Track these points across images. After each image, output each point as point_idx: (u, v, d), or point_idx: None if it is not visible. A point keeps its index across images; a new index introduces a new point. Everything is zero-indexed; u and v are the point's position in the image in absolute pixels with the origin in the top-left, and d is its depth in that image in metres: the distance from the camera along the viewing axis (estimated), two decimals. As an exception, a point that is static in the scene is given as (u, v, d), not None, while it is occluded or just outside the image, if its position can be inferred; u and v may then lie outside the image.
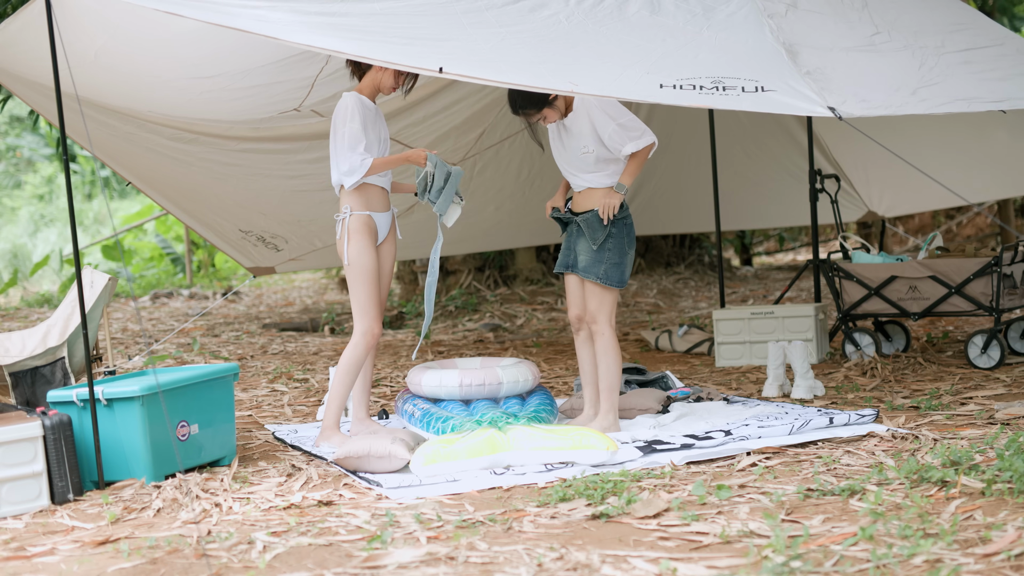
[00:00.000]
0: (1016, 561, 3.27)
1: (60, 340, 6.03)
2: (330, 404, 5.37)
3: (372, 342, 5.34)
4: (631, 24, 5.01)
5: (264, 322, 10.51)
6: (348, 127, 5.22)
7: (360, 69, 5.37)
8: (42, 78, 5.58)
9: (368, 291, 5.33)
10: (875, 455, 4.64)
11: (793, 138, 8.51)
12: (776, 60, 4.91)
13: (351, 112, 5.23)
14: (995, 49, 5.57)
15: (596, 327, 5.33)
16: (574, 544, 3.67)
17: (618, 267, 5.29)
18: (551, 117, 5.25)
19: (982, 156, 8.08)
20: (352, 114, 5.22)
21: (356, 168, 5.19)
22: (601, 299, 5.31)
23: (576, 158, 5.28)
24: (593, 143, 5.21)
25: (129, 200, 21.48)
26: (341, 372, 5.34)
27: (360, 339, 5.33)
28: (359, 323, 5.34)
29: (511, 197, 8.15)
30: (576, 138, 5.26)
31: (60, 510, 4.42)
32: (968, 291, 6.53)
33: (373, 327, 5.33)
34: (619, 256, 5.29)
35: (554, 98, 5.18)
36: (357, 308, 5.34)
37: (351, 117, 5.22)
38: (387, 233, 5.46)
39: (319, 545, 3.78)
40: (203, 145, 6.61)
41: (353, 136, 5.21)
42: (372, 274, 5.33)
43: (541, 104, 5.19)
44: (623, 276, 5.31)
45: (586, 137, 5.22)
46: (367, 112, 5.28)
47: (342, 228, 5.33)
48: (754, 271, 13.13)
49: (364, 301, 5.33)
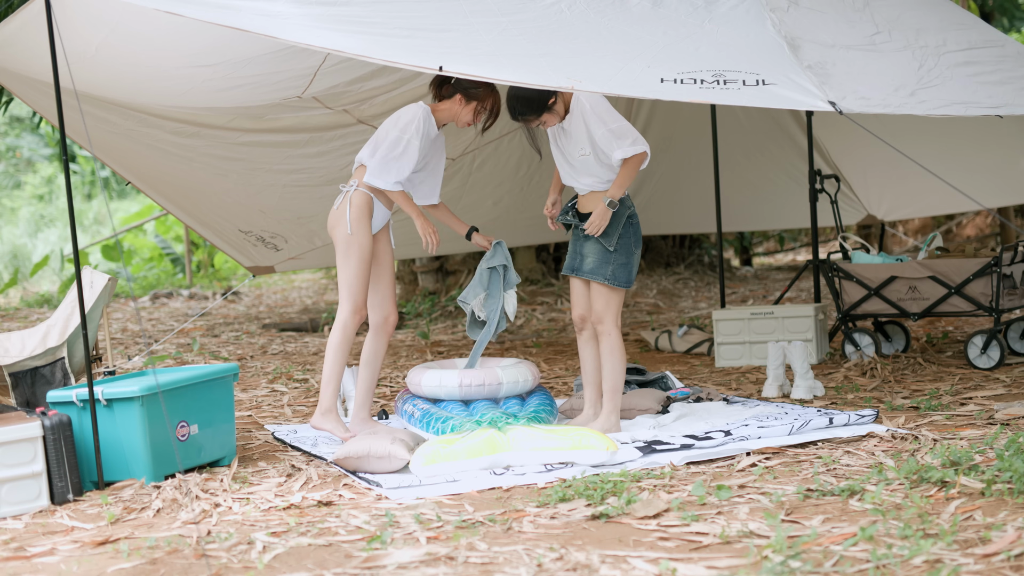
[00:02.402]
0: (1016, 561, 3.27)
1: (60, 340, 6.03)
2: (325, 387, 5.34)
3: (360, 322, 5.32)
4: (633, 15, 5.00)
5: (264, 322, 10.51)
6: (412, 143, 5.22)
7: (441, 92, 5.36)
8: (42, 76, 5.58)
9: (360, 270, 5.28)
10: (875, 455, 4.64)
11: (793, 140, 8.52)
12: (778, 53, 4.90)
13: (415, 128, 5.23)
14: (996, 50, 5.57)
15: (602, 327, 5.33)
16: (574, 544, 3.67)
17: (625, 267, 5.29)
18: (550, 122, 5.23)
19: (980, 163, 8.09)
20: (416, 131, 5.22)
21: (387, 183, 5.23)
22: (608, 300, 5.30)
23: (576, 161, 5.28)
24: (590, 145, 5.21)
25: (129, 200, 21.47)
26: (333, 352, 5.31)
27: (348, 317, 5.29)
28: (347, 302, 5.28)
29: (509, 193, 8.15)
30: (574, 141, 5.25)
31: (60, 510, 4.42)
32: (968, 291, 6.53)
33: (361, 307, 5.30)
34: (626, 256, 5.28)
35: (553, 102, 5.16)
36: (347, 285, 5.28)
37: (415, 133, 5.22)
38: (380, 229, 5.45)
39: (319, 545, 3.78)
40: (204, 139, 6.60)
41: (410, 155, 5.22)
42: (366, 252, 5.29)
43: (540, 109, 5.17)
44: (630, 276, 5.31)
45: (583, 140, 5.21)
46: (428, 134, 5.29)
47: (344, 199, 5.32)
48: (754, 271, 13.13)
49: (354, 279, 5.29)
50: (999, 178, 8.31)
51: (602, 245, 5.26)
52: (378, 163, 5.25)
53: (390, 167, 5.24)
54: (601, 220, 5.20)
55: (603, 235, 5.25)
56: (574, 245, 5.43)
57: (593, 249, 5.30)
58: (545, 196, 5.83)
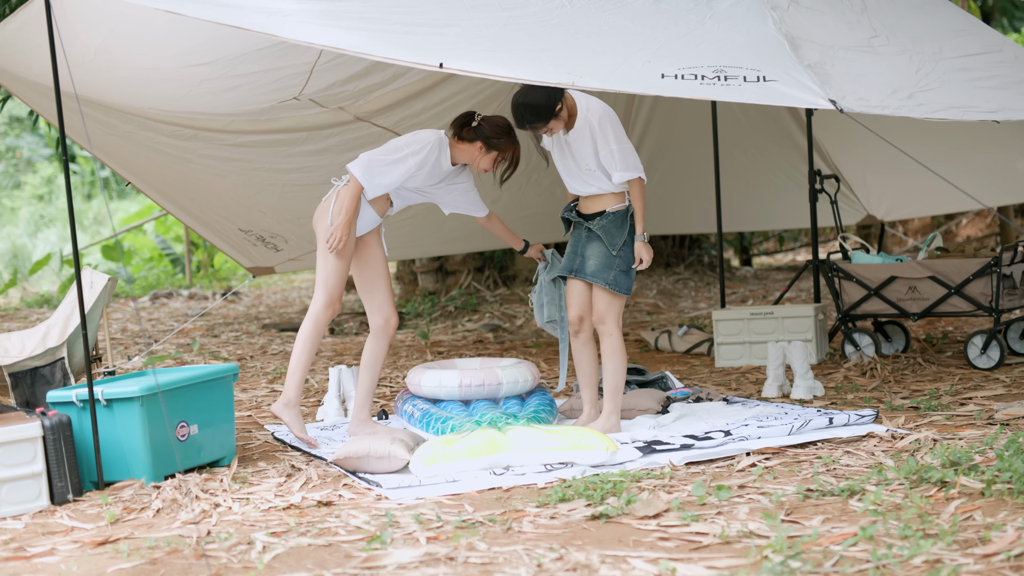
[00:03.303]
0: (1016, 561, 3.27)
1: (60, 340, 6.03)
2: (290, 377, 5.33)
3: (332, 316, 5.32)
4: (634, 10, 5.00)
5: (264, 322, 10.51)
6: (407, 160, 5.20)
7: (462, 134, 5.34)
8: (41, 78, 5.58)
9: (337, 264, 5.26)
10: (874, 455, 4.64)
11: (792, 141, 8.52)
12: (778, 51, 4.91)
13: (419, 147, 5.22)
14: (993, 56, 5.57)
15: (604, 328, 5.32)
16: (573, 544, 3.67)
17: (627, 275, 5.30)
18: (556, 128, 5.21)
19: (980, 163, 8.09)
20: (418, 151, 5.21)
21: (363, 178, 5.21)
22: (609, 302, 5.30)
23: (581, 171, 5.27)
24: (595, 160, 5.21)
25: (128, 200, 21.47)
26: (298, 346, 5.31)
27: (321, 311, 5.29)
28: (321, 294, 5.28)
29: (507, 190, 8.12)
30: (579, 153, 5.23)
31: (60, 510, 4.42)
32: (968, 291, 6.53)
33: (335, 302, 5.30)
34: (627, 264, 5.30)
35: (559, 109, 5.14)
36: (323, 278, 5.28)
37: (416, 152, 5.21)
38: (366, 234, 5.43)
39: (318, 545, 3.78)
40: (203, 141, 6.60)
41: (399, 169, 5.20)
42: (346, 247, 5.27)
43: (548, 116, 5.12)
44: (630, 284, 5.32)
45: (588, 153, 5.21)
46: (439, 163, 5.28)
47: (332, 192, 5.33)
48: (754, 271, 13.13)
49: (331, 273, 5.27)
50: (999, 178, 8.31)
51: (606, 248, 5.26)
52: (367, 158, 5.25)
53: (374, 169, 5.23)
54: (647, 253, 5.28)
55: (608, 237, 5.26)
56: (574, 246, 5.41)
57: (596, 252, 5.30)
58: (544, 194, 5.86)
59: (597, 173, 5.24)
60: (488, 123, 5.33)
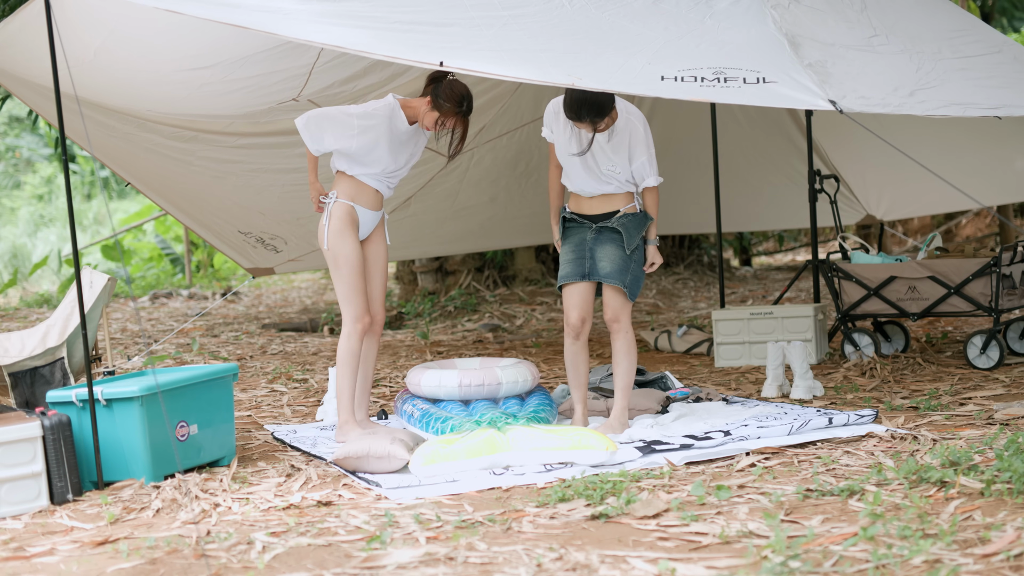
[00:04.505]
0: (1015, 561, 3.27)
1: (59, 340, 6.03)
2: (339, 400, 5.37)
3: (364, 329, 5.34)
4: (634, 10, 5.00)
5: (263, 322, 10.51)
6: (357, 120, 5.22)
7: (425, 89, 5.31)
8: (41, 79, 5.58)
9: (351, 281, 5.31)
10: (874, 455, 4.64)
11: (791, 142, 8.52)
12: (778, 51, 4.90)
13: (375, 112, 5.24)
14: (992, 57, 5.57)
15: (618, 326, 5.35)
16: (573, 544, 3.67)
17: (638, 281, 5.35)
18: (606, 126, 5.19)
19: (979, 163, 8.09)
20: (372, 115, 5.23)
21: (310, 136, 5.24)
22: (624, 300, 5.35)
23: (601, 171, 5.26)
24: (627, 162, 5.23)
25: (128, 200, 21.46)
26: (340, 366, 5.35)
27: (352, 328, 5.33)
28: (347, 312, 5.33)
29: (506, 189, 8.14)
30: (610, 154, 5.23)
31: (59, 510, 4.42)
32: (967, 291, 6.53)
33: (362, 315, 5.32)
34: (639, 269, 5.34)
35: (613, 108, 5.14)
36: (342, 297, 5.34)
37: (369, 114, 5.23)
38: (372, 231, 5.44)
39: (318, 545, 3.78)
40: (202, 143, 6.60)
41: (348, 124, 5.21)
42: (353, 263, 5.30)
43: (604, 114, 5.09)
44: (638, 290, 5.39)
45: (622, 156, 5.23)
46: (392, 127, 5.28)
47: (325, 213, 5.35)
48: (753, 271, 13.13)
49: (348, 290, 5.32)
50: (998, 178, 8.31)
51: (620, 249, 5.27)
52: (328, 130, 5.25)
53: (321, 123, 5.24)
54: (659, 258, 5.38)
55: (628, 236, 5.27)
56: (580, 250, 5.38)
57: (610, 254, 5.29)
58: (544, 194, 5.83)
59: (617, 174, 5.25)
60: (447, 85, 5.28)
